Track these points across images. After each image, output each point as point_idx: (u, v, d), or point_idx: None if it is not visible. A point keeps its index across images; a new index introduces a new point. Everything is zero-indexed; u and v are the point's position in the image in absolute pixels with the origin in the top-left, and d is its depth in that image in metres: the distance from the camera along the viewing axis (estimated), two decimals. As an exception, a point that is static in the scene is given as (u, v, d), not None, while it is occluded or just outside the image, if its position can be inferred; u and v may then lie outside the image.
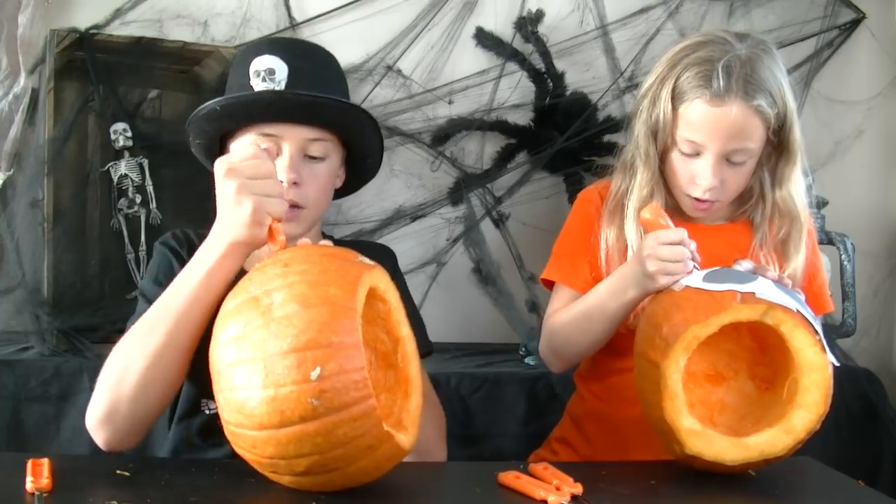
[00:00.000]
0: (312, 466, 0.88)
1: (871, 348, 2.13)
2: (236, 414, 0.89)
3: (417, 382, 1.01)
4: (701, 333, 1.04)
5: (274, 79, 1.19)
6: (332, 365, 0.85)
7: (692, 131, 1.30)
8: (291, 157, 1.19)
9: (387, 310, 1.01)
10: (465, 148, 2.04)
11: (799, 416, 1.03)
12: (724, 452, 1.03)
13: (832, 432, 1.79)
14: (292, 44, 1.33)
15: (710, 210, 1.36)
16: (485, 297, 2.01)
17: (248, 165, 1.00)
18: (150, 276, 1.26)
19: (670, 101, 1.32)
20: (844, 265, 1.96)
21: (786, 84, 1.31)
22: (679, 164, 1.34)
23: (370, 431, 0.88)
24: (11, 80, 1.80)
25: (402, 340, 1.02)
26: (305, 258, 0.95)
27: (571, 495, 0.94)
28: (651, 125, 1.36)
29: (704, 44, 1.31)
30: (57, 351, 1.74)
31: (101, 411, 1.04)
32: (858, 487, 1.09)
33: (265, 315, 0.88)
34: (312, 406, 0.85)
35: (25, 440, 1.66)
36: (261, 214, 0.99)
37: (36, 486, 0.88)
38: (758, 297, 1.05)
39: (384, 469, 0.93)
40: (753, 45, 1.30)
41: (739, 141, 1.29)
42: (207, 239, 1.04)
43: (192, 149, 1.30)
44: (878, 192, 2.17)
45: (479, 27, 2.02)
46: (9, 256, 1.80)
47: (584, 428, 1.46)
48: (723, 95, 1.26)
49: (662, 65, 1.36)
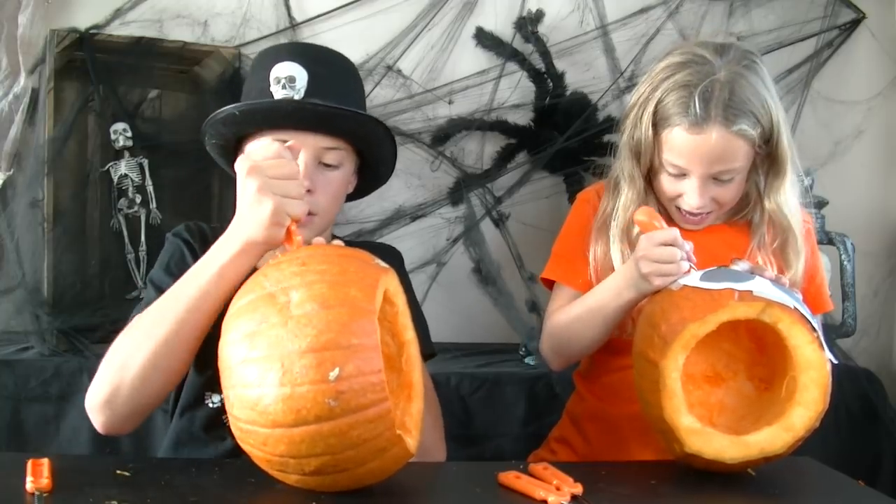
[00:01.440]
0: (322, 467, 0.88)
1: (871, 348, 2.13)
2: (248, 411, 0.89)
3: (420, 388, 1.01)
4: (699, 332, 1.04)
5: (294, 86, 1.19)
6: (350, 366, 0.85)
7: (675, 156, 1.31)
8: (307, 164, 1.19)
9: (394, 313, 1.01)
10: (465, 148, 2.04)
11: (798, 413, 1.03)
12: (724, 451, 1.03)
13: (832, 432, 1.79)
14: (313, 50, 1.33)
15: (702, 222, 1.36)
16: (485, 297, 2.01)
17: (272, 165, 1.01)
18: (160, 264, 1.27)
19: (651, 126, 1.32)
20: (844, 265, 1.96)
21: (771, 98, 1.30)
22: (667, 183, 1.35)
23: (383, 434, 0.88)
24: (11, 80, 1.80)
25: (406, 344, 1.02)
26: (324, 258, 0.95)
27: (571, 495, 0.94)
28: (633, 146, 1.36)
29: (685, 65, 1.30)
30: (57, 351, 1.74)
31: (102, 394, 1.05)
32: (858, 487, 1.09)
33: (282, 313, 0.88)
34: (329, 406, 0.85)
35: (25, 440, 1.67)
36: (281, 215, 0.99)
37: (36, 486, 0.88)
38: (755, 294, 1.05)
39: (390, 471, 0.93)
40: (735, 62, 1.28)
41: (723, 164, 1.29)
42: (224, 234, 1.04)
43: (207, 148, 1.30)
44: (877, 192, 2.17)
45: (479, 27, 2.02)
46: (9, 256, 1.80)
47: (583, 428, 1.46)
48: (701, 124, 1.26)
49: (645, 84, 1.36)
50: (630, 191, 1.37)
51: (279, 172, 1.00)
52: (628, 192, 1.37)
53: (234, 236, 1.02)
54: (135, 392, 1.03)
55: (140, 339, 1.04)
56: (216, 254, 1.04)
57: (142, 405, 1.06)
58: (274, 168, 1.00)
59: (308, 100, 1.20)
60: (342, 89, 1.26)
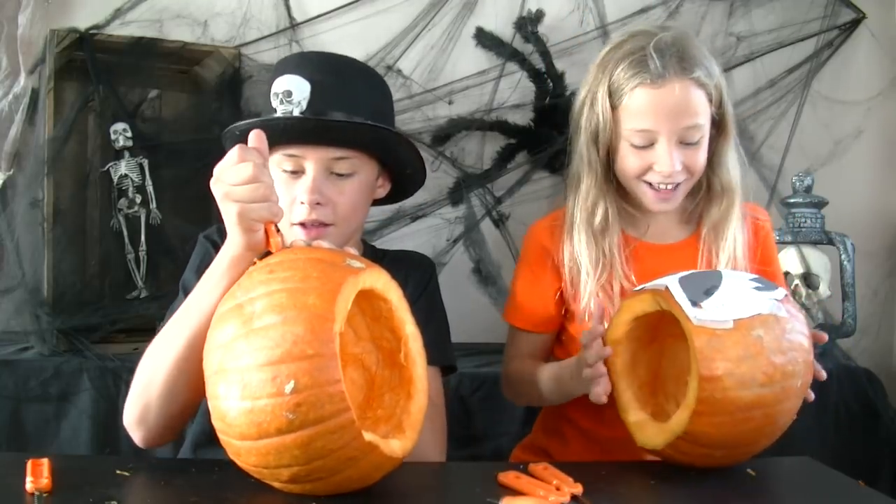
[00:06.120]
0: (295, 476, 0.88)
1: (871, 348, 2.13)
2: (220, 422, 0.90)
3: (422, 384, 1.00)
4: (612, 335, 1.14)
5: (291, 101, 1.18)
6: (306, 378, 0.85)
7: (640, 120, 1.29)
8: (314, 178, 1.19)
9: (388, 308, 1.00)
10: (465, 148, 2.04)
11: (692, 388, 1.04)
12: (653, 438, 1.09)
13: (832, 432, 1.79)
14: (320, 59, 1.31)
15: (672, 198, 1.33)
16: (485, 297, 2.01)
17: (230, 172, 0.99)
18: (191, 268, 1.28)
19: (608, 100, 1.31)
20: (844, 265, 1.96)
21: (713, 61, 1.31)
22: (633, 158, 1.31)
23: (350, 444, 0.87)
24: (11, 80, 1.80)
25: (406, 339, 1.01)
26: (291, 264, 0.94)
27: (571, 495, 0.94)
28: (591, 131, 1.34)
29: (627, 40, 1.31)
30: (57, 351, 1.74)
31: (135, 413, 1.08)
32: (858, 487, 1.09)
33: (246, 325, 0.89)
34: (288, 419, 0.84)
35: (25, 440, 1.67)
36: (246, 220, 0.99)
37: (36, 486, 0.88)
38: (651, 289, 1.11)
39: (374, 477, 0.93)
40: (676, 31, 1.31)
41: (689, 117, 1.28)
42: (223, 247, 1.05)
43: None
44: (877, 192, 2.17)
45: (479, 27, 2.02)
46: (9, 256, 1.80)
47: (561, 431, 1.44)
48: (662, 74, 1.26)
49: (591, 73, 1.35)
50: (588, 178, 1.36)
51: (237, 178, 0.99)
52: (587, 179, 1.36)
53: (225, 248, 1.04)
54: (164, 407, 1.06)
55: (160, 355, 1.06)
56: (216, 264, 1.05)
57: (174, 418, 1.08)
58: (232, 174, 0.99)
59: (307, 113, 1.18)
60: (351, 97, 1.23)
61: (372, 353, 1.04)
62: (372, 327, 1.04)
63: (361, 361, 1.04)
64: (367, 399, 1.03)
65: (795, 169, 2.03)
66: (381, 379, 1.03)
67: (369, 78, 1.32)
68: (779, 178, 2.09)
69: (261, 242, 1.01)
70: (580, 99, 1.37)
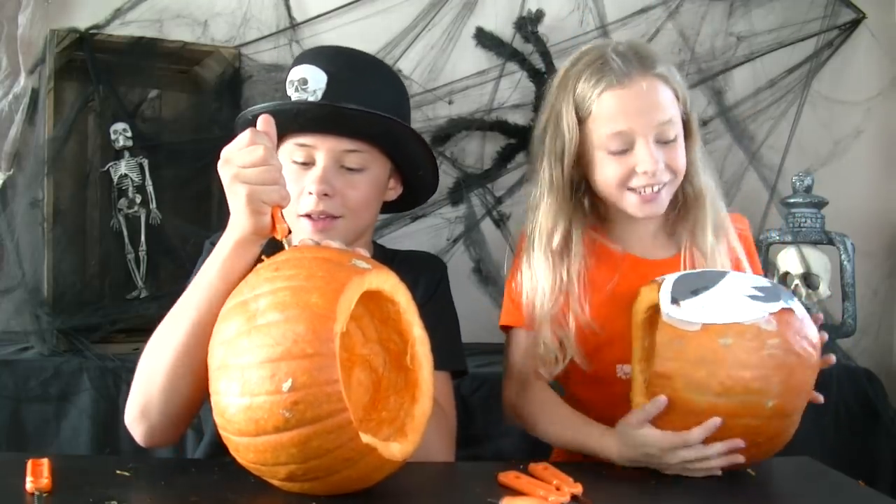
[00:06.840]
0: (291, 475, 0.88)
1: (871, 348, 2.13)
2: (220, 418, 0.90)
3: (427, 387, 0.99)
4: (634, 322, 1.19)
5: (307, 89, 1.17)
6: (304, 377, 0.85)
7: (613, 123, 1.26)
8: (324, 168, 1.18)
9: (396, 310, 1.00)
10: (465, 148, 2.04)
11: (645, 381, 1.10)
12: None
13: (832, 432, 1.79)
14: (339, 52, 1.30)
15: (657, 201, 1.29)
16: (485, 297, 2.01)
17: (240, 154, 0.99)
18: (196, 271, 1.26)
19: (574, 115, 1.28)
20: (844, 265, 1.96)
21: (671, 64, 1.31)
22: (613, 166, 1.27)
23: (347, 444, 0.87)
24: (11, 80, 1.80)
25: (413, 342, 1.00)
26: (297, 262, 0.94)
27: (571, 495, 0.94)
28: (557, 151, 1.31)
29: (582, 56, 1.30)
30: (57, 351, 1.74)
31: (136, 408, 1.06)
32: (858, 487, 1.09)
33: (249, 322, 0.89)
34: (284, 417, 0.84)
35: (25, 440, 1.67)
36: (256, 202, 0.99)
37: (36, 486, 0.88)
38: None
39: (373, 479, 0.92)
40: (630, 39, 1.33)
41: (660, 112, 1.26)
42: (224, 232, 1.04)
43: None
44: (877, 192, 2.17)
45: (479, 27, 2.02)
46: (9, 256, 1.80)
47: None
48: (627, 73, 1.25)
49: (552, 94, 1.33)
50: (549, 196, 1.32)
51: (247, 160, 0.98)
52: (548, 198, 1.32)
53: (228, 232, 1.03)
54: (165, 401, 1.04)
55: (160, 348, 1.04)
56: (217, 253, 1.04)
57: (176, 414, 1.06)
58: (242, 156, 0.99)
59: (321, 101, 1.17)
60: (367, 91, 1.22)
61: (379, 354, 1.04)
62: (380, 329, 1.03)
63: (369, 363, 1.04)
64: (372, 401, 1.02)
65: (795, 169, 2.03)
66: (387, 381, 1.03)
67: (387, 75, 1.31)
68: (779, 178, 2.09)
69: (268, 227, 1.00)
70: (542, 121, 1.35)
